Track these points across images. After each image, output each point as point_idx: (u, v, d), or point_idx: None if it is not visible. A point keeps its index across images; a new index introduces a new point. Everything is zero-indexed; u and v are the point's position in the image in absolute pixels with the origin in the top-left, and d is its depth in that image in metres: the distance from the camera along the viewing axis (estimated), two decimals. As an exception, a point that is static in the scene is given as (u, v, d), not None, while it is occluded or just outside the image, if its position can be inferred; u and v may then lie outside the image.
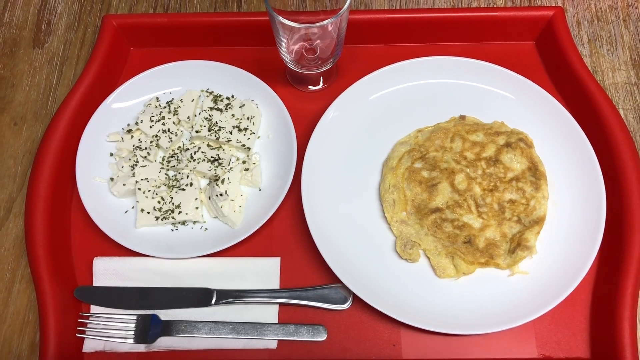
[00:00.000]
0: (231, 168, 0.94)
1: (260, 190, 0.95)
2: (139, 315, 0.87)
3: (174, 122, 0.98)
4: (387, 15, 1.03)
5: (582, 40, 1.09)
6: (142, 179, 0.94)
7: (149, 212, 0.92)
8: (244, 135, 0.97)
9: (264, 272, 0.90)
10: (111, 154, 0.98)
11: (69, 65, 1.09)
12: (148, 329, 0.86)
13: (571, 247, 0.88)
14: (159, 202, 0.92)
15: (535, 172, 0.92)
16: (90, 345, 0.87)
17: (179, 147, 0.98)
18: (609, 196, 0.89)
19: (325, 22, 0.83)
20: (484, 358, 0.85)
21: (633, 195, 0.89)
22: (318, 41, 0.93)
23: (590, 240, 0.87)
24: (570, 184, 0.92)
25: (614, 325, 0.83)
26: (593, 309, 0.88)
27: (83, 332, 0.86)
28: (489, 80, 1.00)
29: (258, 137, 0.99)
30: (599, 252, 0.87)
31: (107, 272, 0.90)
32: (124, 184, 0.93)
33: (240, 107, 0.99)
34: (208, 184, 0.95)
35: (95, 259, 0.91)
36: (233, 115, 0.98)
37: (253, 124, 0.97)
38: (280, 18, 0.83)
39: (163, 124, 0.98)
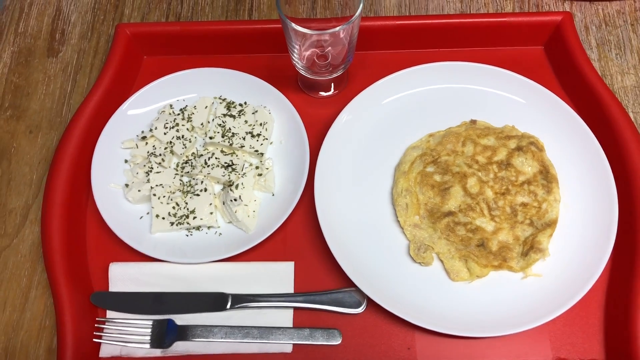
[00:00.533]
0: (245, 173, 0.95)
1: (273, 195, 0.96)
2: (155, 320, 0.88)
3: (187, 129, 0.99)
4: (397, 22, 1.05)
5: (590, 44, 1.10)
6: (156, 185, 0.95)
7: (163, 218, 0.92)
8: (257, 141, 0.98)
9: (278, 276, 0.91)
10: (126, 161, 0.99)
11: (83, 73, 1.11)
12: (164, 334, 0.87)
13: (584, 249, 0.88)
14: (173, 207, 0.93)
15: (546, 175, 0.92)
16: (107, 350, 0.87)
17: (193, 153, 0.99)
18: (621, 198, 0.90)
19: (337, 28, 0.84)
20: (498, 360, 0.86)
21: (645, 197, 0.90)
22: (330, 48, 0.94)
23: (603, 242, 0.87)
24: (581, 187, 0.93)
25: (629, 327, 0.83)
26: (607, 310, 0.88)
27: (100, 337, 0.87)
28: (499, 85, 1.00)
29: (271, 143, 1.00)
30: (612, 253, 0.88)
31: (122, 277, 0.91)
32: (138, 190, 0.94)
33: (253, 113, 1.00)
34: (222, 190, 0.96)
35: (111, 264, 0.92)
36: (246, 122, 0.99)
37: (266, 129, 0.98)
38: (293, 25, 0.84)
39: (177, 130, 0.99)
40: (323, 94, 1.06)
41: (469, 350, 0.86)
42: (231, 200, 0.91)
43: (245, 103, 1.02)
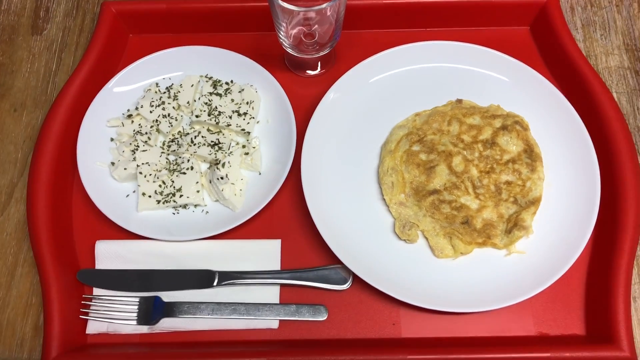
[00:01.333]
0: (231, 152, 0.95)
1: (260, 174, 0.96)
2: (141, 297, 0.88)
3: (173, 107, 0.99)
4: (385, 1, 1.04)
5: (576, 25, 1.11)
6: (143, 163, 0.94)
7: (150, 196, 0.92)
8: (244, 119, 0.98)
9: (265, 253, 0.92)
10: (112, 139, 0.98)
11: (68, 52, 1.10)
12: (151, 311, 0.87)
13: (567, 226, 0.89)
14: (160, 185, 0.93)
15: (530, 154, 0.93)
16: (93, 326, 0.88)
17: (179, 131, 0.99)
18: (603, 177, 0.91)
19: (324, 5, 0.84)
20: (482, 336, 0.87)
21: (626, 176, 0.91)
22: (316, 26, 0.94)
23: (585, 219, 0.89)
24: (565, 165, 0.94)
25: (609, 302, 0.85)
26: (588, 286, 0.90)
27: (86, 314, 0.87)
28: (485, 64, 1.01)
29: (257, 122, 1.00)
30: (594, 231, 0.89)
31: (109, 255, 0.91)
32: (125, 168, 0.94)
33: (239, 92, 1.00)
34: (209, 168, 0.96)
35: (97, 242, 0.92)
36: (232, 100, 0.99)
37: (252, 108, 0.98)
38: (280, 1, 0.84)
39: (163, 109, 0.98)
40: (310, 72, 1.06)
41: (453, 326, 0.88)
42: (218, 179, 0.92)
43: (231, 82, 1.02)
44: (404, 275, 0.88)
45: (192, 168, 0.94)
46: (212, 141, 0.96)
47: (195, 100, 1.01)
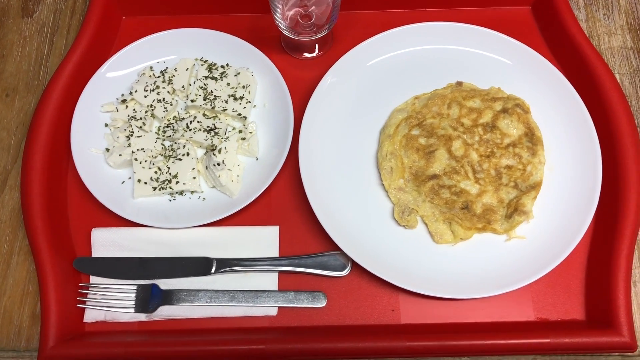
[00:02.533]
0: (227, 137, 0.94)
1: (257, 159, 0.95)
2: (139, 285, 0.88)
3: (168, 92, 0.97)
4: (383, -19, 1.02)
5: (578, 4, 1.08)
6: (138, 150, 0.93)
7: (146, 183, 0.91)
8: (240, 104, 0.96)
9: (263, 240, 0.91)
10: (106, 125, 0.97)
11: (60, 35, 1.07)
12: (148, 299, 0.87)
13: (567, 211, 0.89)
14: (155, 172, 0.92)
15: (531, 138, 0.92)
16: (91, 315, 0.87)
17: (175, 116, 0.97)
18: (605, 161, 0.90)
19: (321, -14, 0.82)
20: (482, 321, 0.87)
21: (628, 160, 0.90)
22: (313, 7, 0.92)
23: (586, 204, 0.88)
24: (566, 149, 0.93)
25: (609, 288, 0.84)
26: (588, 272, 0.89)
27: (84, 302, 0.87)
28: (485, 46, 0.99)
29: (254, 106, 0.98)
30: (595, 215, 0.88)
31: (105, 242, 0.90)
32: (120, 155, 0.93)
33: (235, 75, 0.98)
34: (205, 154, 0.94)
35: (93, 230, 0.91)
36: (228, 84, 0.97)
37: (249, 92, 0.97)
38: (276, -17, 0.82)
39: (158, 93, 0.97)
40: (307, 55, 1.04)
41: (453, 312, 0.87)
42: (214, 165, 0.90)
43: (227, 65, 1.00)
44: (403, 261, 0.87)
45: (188, 154, 0.93)
46: (208, 126, 0.94)
47: (190, 85, 0.99)
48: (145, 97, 0.96)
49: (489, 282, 0.85)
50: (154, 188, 0.91)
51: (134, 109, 0.96)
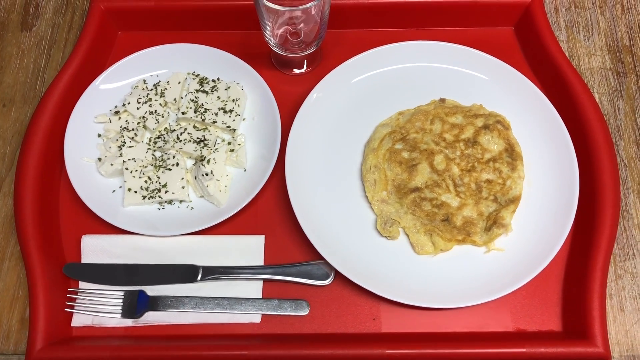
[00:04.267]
0: (217, 149, 0.97)
1: (245, 170, 0.97)
2: (126, 291, 0.90)
3: (160, 104, 1.00)
4: (370, 1, 1.06)
5: (559, 26, 1.12)
6: (129, 159, 0.96)
7: (136, 192, 0.94)
8: (229, 117, 0.99)
9: (249, 249, 0.93)
10: (99, 135, 1.00)
11: (57, 48, 1.11)
12: (135, 304, 0.89)
13: (545, 225, 0.91)
14: (145, 181, 0.94)
15: (511, 153, 0.95)
16: (78, 319, 0.89)
17: (166, 128, 1.00)
18: (582, 177, 0.92)
19: (308, 5, 0.85)
20: (460, 331, 0.89)
21: (605, 176, 0.92)
22: (302, 25, 0.95)
23: (563, 218, 0.90)
24: (545, 165, 0.96)
25: (584, 299, 0.86)
26: (565, 283, 0.91)
27: (72, 307, 0.89)
28: (468, 64, 1.02)
29: (243, 119, 1.01)
30: (572, 230, 0.91)
31: (95, 249, 0.93)
32: (111, 164, 0.95)
33: (225, 89, 1.01)
34: (194, 164, 0.97)
35: (83, 237, 0.93)
36: (219, 98, 1.00)
37: (238, 106, 1.00)
38: (265, 1, 0.85)
39: (150, 105, 1.00)
40: (296, 71, 1.07)
41: (433, 321, 0.89)
42: (203, 175, 0.93)
43: (218, 79, 1.03)
44: (385, 271, 0.90)
45: (177, 164, 0.95)
46: (197, 138, 0.97)
47: (182, 97, 1.02)
48: (137, 109, 0.99)
49: (468, 293, 0.87)
50: (144, 197, 0.93)
51: (126, 120, 0.99)
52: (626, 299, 0.92)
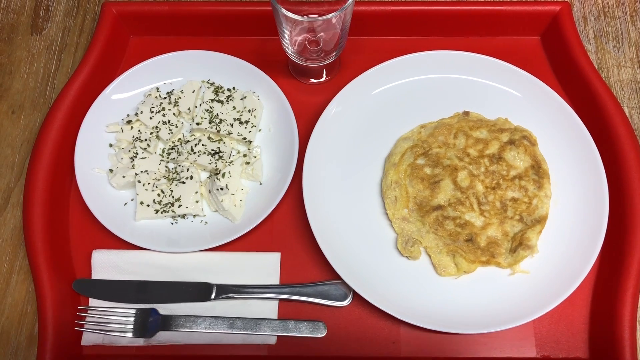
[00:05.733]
0: (232, 161, 0.93)
1: (261, 184, 0.94)
2: (138, 309, 0.87)
3: (174, 114, 0.97)
4: (392, 8, 1.02)
5: (588, 36, 1.08)
6: (141, 171, 0.93)
7: (148, 205, 0.91)
8: (245, 128, 0.96)
9: (264, 267, 0.90)
10: (110, 145, 0.97)
11: (68, 52, 1.08)
12: (147, 323, 0.86)
13: (572, 247, 0.88)
14: (158, 195, 0.91)
15: (538, 171, 0.91)
16: (89, 338, 0.86)
17: (179, 139, 0.97)
18: (612, 196, 0.89)
19: (329, 15, 0.82)
20: (483, 357, 0.85)
21: (635, 196, 0.89)
22: (322, 34, 0.92)
23: (591, 240, 0.87)
24: (573, 183, 0.92)
25: (614, 326, 0.83)
26: (593, 309, 0.88)
27: (82, 325, 0.86)
28: (493, 76, 0.98)
29: (259, 130, 0.98)
30: (600, 252, 0.87)
31: (105, 265, 0.90)
32: (123, 176, 0.92)
33: (241, 99, 0.98)
34: (208, 177, 0.94)
35: (94, 251, 0.90)
36: (234, 108, 0.97)
37: (254, 116, 0.96)
38: (284, 10, 0.81)
39: (163, 115, 0.96)
40: (314, 80, 1.04)
41: (454, 346, 0.86)
42: (217, 189, 0.90)
43: (233, 88, 0.99)
44: (405, 293, 0.86)
45: (191, 177, 0.92)
46: (212, 150, 0.94)
47: (196, 107, 0.99)
48: (150, 118, 0.96)
49: (492, 317, 0.84)
50: (157, 211, 0.91)
51: (139, 130, 0.96)
52: (656, 325, 0.89)
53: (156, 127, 0.96)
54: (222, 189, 0.90)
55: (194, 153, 0.94)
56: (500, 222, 0.89)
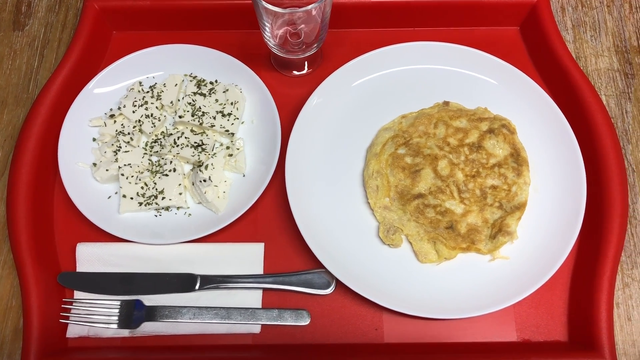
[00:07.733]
0: (215, 154, 0.94)
1: (244, 176, 0.95)
2: (122, 301, 0.88)
3: (157, 107, 0.98)
4: (371, 0, 1.03)
5: (566, 26, 1.09)
6: (125, 165, 0.93)
7: (132, 198, 0.91)
8: (228, 120, 0.96)
9: (248, 257, 0.91)
10: (94, 139, 0.97)
11: (50, 48, 1.08)
12: (132, 314, 0.87)
13: (551, 232, 0.89)
14: (142, 187, 0.92)
15: (517, 158, 0.93)
16: (74, 330, 0.87)
17: (162, 132, 0.98)
18: (590, 182, 0.90)
19: (309, 7, 0.82)
20: (464, 342, 0.87)
21: (613, 182, 0.90)
22: (302, 25, 0.92)
23: (570, 225, 0.88)
24: (551, 170, 0.93)
25: (592, 309, 0.85)
26: (571, 293, 0.89)
27: (67, 317, 0.86)
28: (473, 66, 1.00)
29: (242, 123, 0.99)
30: (579, 237, 0.89)
31: (90, 258, 0.90)
32: (106, 170, 0.93)
33: (224, 92, 0.98)
34: (192, 170, 0.95)
35: (78, 244, 0.91)
36: (217, 100, 0.98)
37: (237, 109, 0.97)
38: (264, 2, 0.82)
39: (146, 108, 0.97)
40: (297, 72, 1.04)
41: (436, 331, 0.87)
42: (201, 181, 0.91)
43: (216, 81, 1.00)
44: (387, 280, 0.88)
45: (174, 170, 0.93)
46: (195, 142, 0.95)
47: (179, 100, 0.99)
48: (133, 112, 0.96)
49: (472, 302, 0.85)
50: (140, 203, 0.91)
51: (122, 124, 0.97)
52: (633, 307, 0.90)
53: (139, 120, 0.96)
54: (205, 180, 0.91)
55: (177, 146, 0.94)
56: (480, 209, 0.90)
